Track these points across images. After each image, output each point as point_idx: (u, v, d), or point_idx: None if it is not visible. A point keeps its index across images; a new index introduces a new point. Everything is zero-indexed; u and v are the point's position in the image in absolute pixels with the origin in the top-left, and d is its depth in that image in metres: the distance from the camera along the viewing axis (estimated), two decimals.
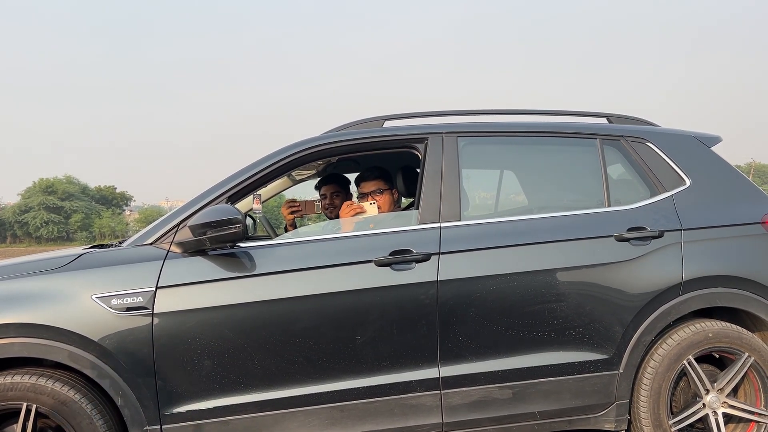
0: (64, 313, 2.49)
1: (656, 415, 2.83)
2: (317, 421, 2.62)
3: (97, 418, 2.48)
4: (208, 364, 2.55)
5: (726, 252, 2.94)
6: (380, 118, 3.07)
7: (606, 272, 2.81)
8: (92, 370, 2.49)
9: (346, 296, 2.65)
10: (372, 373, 2.65)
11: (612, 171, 3.10)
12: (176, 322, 2.54)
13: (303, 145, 2.88)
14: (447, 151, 2.92)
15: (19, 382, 2.45)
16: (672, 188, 3.01)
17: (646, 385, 2.84)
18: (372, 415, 2.65)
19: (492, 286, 2.72)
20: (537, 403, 2.76)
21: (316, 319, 2.62)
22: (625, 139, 3.10)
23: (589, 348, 2.79)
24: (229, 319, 2.57)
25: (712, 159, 3.15)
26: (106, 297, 2.52)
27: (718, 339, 2.88)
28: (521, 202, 3.31)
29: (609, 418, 2.84)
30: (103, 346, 2.48)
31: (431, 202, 2.84)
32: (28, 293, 2.53)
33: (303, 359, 2.61)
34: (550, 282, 2.77)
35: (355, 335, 2.63)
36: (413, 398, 2.67)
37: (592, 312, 2.79)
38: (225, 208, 2.59)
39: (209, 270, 2.61)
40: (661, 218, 2.92)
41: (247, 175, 2.80)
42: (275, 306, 2.61)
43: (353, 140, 2.94)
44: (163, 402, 2.53)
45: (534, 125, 3.13)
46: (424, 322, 2.67)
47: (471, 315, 2.70)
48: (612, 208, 2.95)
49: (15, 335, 2.46)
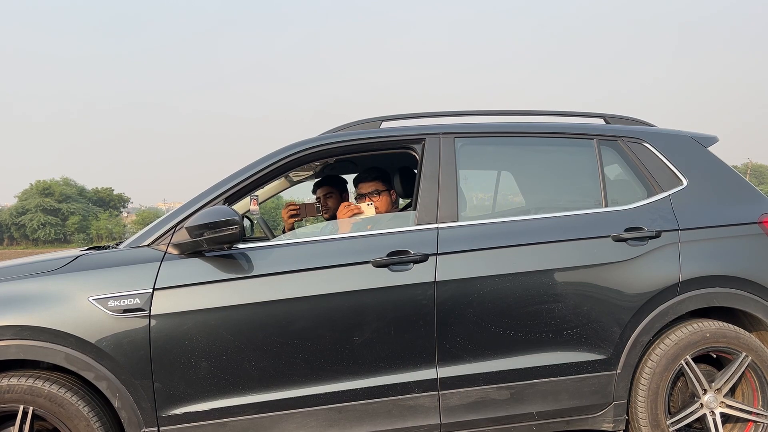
0: (61, 315, 2.48)
1: (654, 415, 2.83)
2: (315, 422, 2.61)
3: (94, 420, 2.47)
4: (206, 366, 2.55)
5: (723, 252, 2.94)
6: (377, 119, 3.07)
7: (603, 272, 2.82)
8: (89, 372, 2.48)
9: (343, 297, 2.64)
10: (370, 374, 2.65)
11: (609, 171, 3.11)
12: (173, 324, 2.54)
13: (300, 146, 2.88)
14: (444, 152, 2.92)
15: (16, 384, 2.45)
16: (669, 188, 3.02)
17: (643, 386, 2.84)
18: (370, 416, 2.65)
19: (490, 287, 2.72)
20: (535, 403, 2.76)
21: (314, 320, 2.62)
22: (622, 140, 3.10)
23: (586, 348, 2.80)
24: (226, 320, 2.57)
25: (708, 159, 3.15)
26: (103, 299, 2.51)
27: (715, 339, 2.88)
28: (518, 202, 3.31)
29: (607, 419, 2.84)
30: (100, 348, 2.48)
31: (429, 202, 2.84)
32: (25, 295, 2.52)
33: (300, 360, 2.61)
34: (547, 282, 2.77)
35: (353, 336, 2.63)
36: (411, 399, 2.67)
37: (589, 312, 2.79)
38: (222, 210, 2.59)
39: (206, 271, 2.61)
40: (658, 218, 2.92)
41: (245, 177, 2.80)
42: (273, 307, 2.61)
43: (351, 141, 2.94)
44: (160, 404, 2.53)
45: (531, 126, 3.13)
46: (422, 323, 2.67)
47: (469, 316, 2.70)
48: (609, 208, 2.96)
49: (11, 337, 2.46)
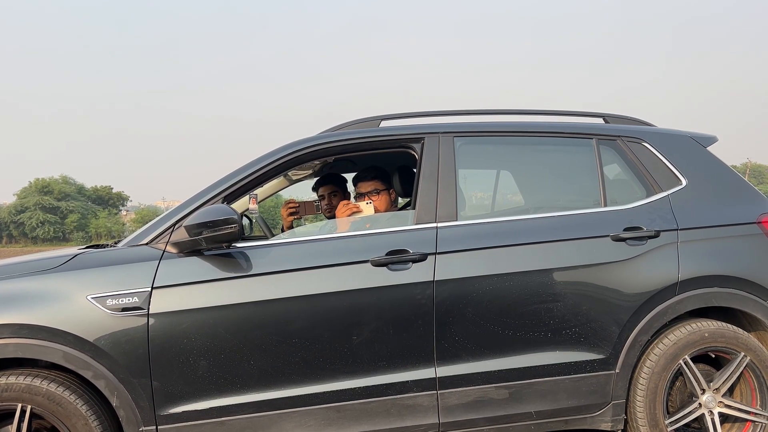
0: (60, 313, 2.48)
1: (652, 414, 2.83)
2: (313, 421, 2.61)
3: (93, 419, 2.47)
4: (204, 365, 2.55)
5: (722, 252, 2.94)
6: (377, 118, 3.06)
7: (602, 272, 2.82)
8: (87, 370, 2.48)
9: (342, 296, 2.64)
10: (368, 374, 2.65)
11: (608, 171, 3.11)
12: (172, 323, 2.53)
13: (299, 145, 2.88)
14: (443, 151, 2.92)
15: (14, 383, 2.45)
16: (668, 188, 3.02)
17: (642, 385, 2.84)
18: (368, 415, 2.64)
19: (488, 286, 2.72)
20: (533, 403, 2.76)
21: (312, 319, 2.61)
22: (621, 139, 3.10)
23: (585, 348, 2.80)
24: (225, 319, 2.57)
25: (708, 159, 3.15)
26: (101, 297, 2.51)
27: (714, 339, 2.88)
28: (518, 202, 3.31)
29: (605, 418, 2.84)
30: (99, 347, 2.47)
31: (428, 202, 2.83)
32: (23, 294, 2.52)
33: (299, 359, 2.60)
34: (546, 282, 2.77)
35: (352, 335, 2.63)
36: (410, 398, 2.67)
37: (588, 312, 2.79)
38: (221, 208, 2.58)
39: (205, 270, 2.61)
40: (658, 218, 2.92)
41: (243, 175, 2.79)
42: (271, 306, 2.61)
43: (350, 140, 2.94)
44: (158, 402, 2.52)
45: (530, 125, 3.13)
46: (421, 322, 2.66)
47: (467, 315, 2.70)
48: (608, 208, 2.96)
49: (10, 336, 2.45)
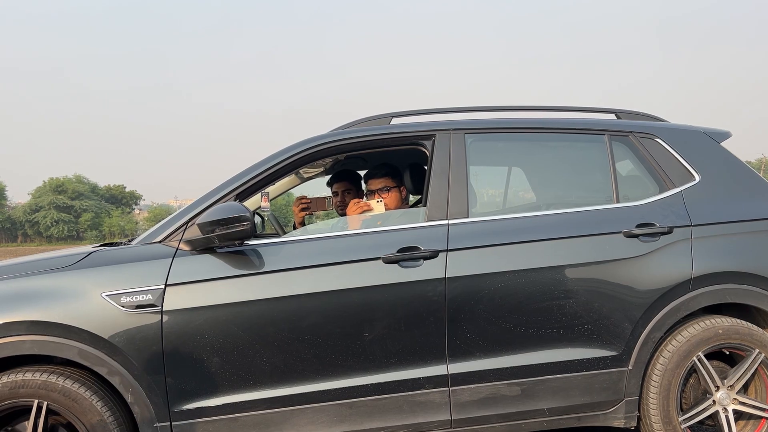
0: (75, 310, 2.51)
1: (666, 411, 2.82)
2: (326, 417, 2.62)
3: (107, 415, 2.50)
4: (217, 361, 2.56)
5: (736, 248, 2.92)
6: (388, 115, 3.06)
7: (615, 269, 2.80)
8: (102, 367, 2.51)
9: (354, 293, 2.65)
10: (380, 370, 2.65)
11: (620, 167, 3.09)
12: (185, 320, 2.55)
13: (311, 143, 2.88)
14: (454, 148, 2.91)
15: (31, 379, 2.48)
16: (681, 184, 2.99)
17: (655, 382, 2.83)
18: (381, 411, 2.65)
19: (500, 283, 2.71)
20: (546, 399, 2.75)
21: (324, 316, 2.62)
22: (634, 135, 3.08)
23: (598, 345, 2.78)
24: (237, 316, 2.59)
25: (721, 154, 3.12)
26: (115, 295, 2.53)
27: (728, 336, 2.86)
28: (529, 198, 3.30)
29: (618, 415, 2.83)
30: (113, 344, 2.50)
31: (439, 199, 2.83)
32: (39, 291, 2.55)
33: (311, 356, 2.61)
34: (558, 279, 2.76)
35: (364, 332, 2.64)
36: (422, 395, 2.67)
37: (600, 309, 2.78)
38: (233, 206, 2.60)
39: (218, 267, 2.62)
40: (671, 214, 2.90)
41: (255, 173, 2.81)
42: (283, 303, 2.62)
43: (361, 137, 2.94)
44: (172, 399, 2.55)
45: (542, 121, 3.12)
46: (432, 319, 2.67)
47: (479, 312, 2.70)
48: (621, 204, 2.94)
49: (26, 333, 2.48)
